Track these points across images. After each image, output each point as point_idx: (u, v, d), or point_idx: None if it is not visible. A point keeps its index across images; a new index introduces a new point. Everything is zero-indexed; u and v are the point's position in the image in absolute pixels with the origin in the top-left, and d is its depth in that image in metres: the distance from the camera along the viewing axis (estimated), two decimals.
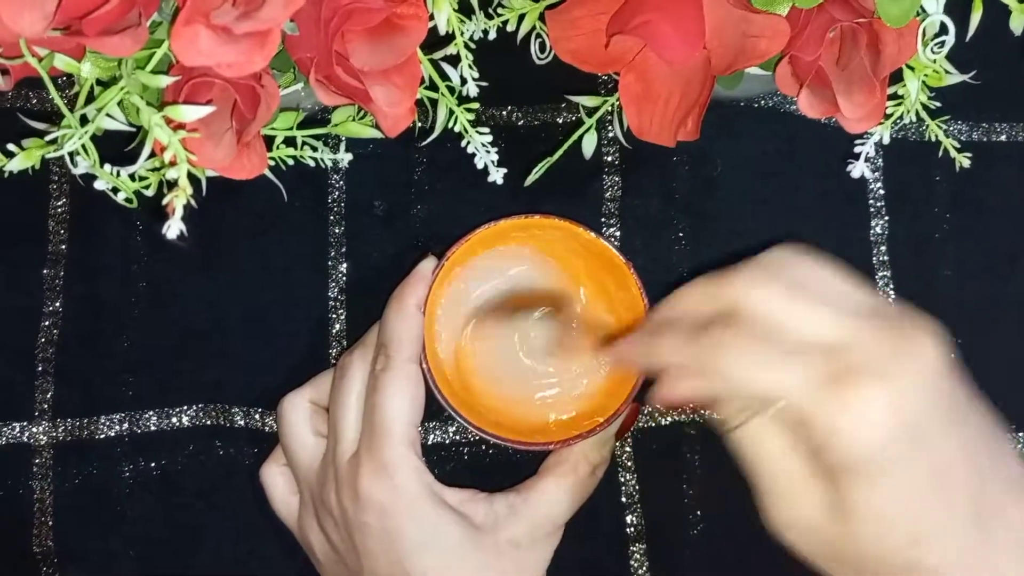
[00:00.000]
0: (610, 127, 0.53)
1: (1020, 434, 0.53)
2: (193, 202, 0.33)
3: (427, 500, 0.44)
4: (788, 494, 0.34)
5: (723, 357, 0.34)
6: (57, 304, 0.52)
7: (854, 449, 0.32)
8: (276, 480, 0.48)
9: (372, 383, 0.45)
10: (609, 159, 0.54)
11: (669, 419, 0.52)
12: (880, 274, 0.54)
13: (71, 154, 0.36)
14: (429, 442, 0.51)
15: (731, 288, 0.35)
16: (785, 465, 0.34)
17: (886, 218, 0.54)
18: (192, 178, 0.34)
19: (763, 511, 0.35)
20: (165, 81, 0.34)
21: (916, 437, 0.32)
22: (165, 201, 0.32)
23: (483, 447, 0.52)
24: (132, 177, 0.39)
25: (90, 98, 0.38)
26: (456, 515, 0.44)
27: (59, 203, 0.53)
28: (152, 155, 0.35)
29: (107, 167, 0.38)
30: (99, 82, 0.38)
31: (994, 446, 0.35)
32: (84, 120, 0.37)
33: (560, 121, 0.54)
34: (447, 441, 0.52)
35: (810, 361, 0.33)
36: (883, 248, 0.54)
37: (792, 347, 0.33)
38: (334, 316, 0.53)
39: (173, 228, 0.32)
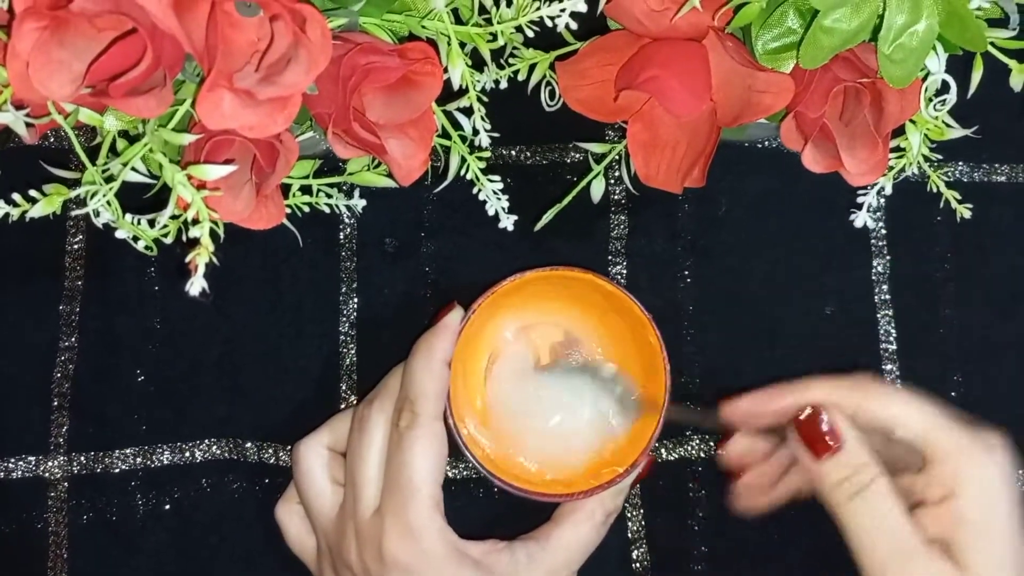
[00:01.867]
0: (617, 169, 0.54)
1: (1020, 472, 0.54)
2: (215, 260, 0.34)
3: (452, 560, 0.44)
4: (915, 561, 0.41)
5: (879, 399, 0.44)
6: (73, 339, 0.53)
7: (987, 485, 0.42)
8: (292, 520, 0.48)
9: (396, 440, 0.45)
10: (616, 198, 0.54)
11: (675, 455, 0.53)
12: (882, 313, 0.55)
13: (94, 209, 0.37)
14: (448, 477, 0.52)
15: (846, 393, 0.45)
16: (907, 530, 0.41)
17: (888, 257, 0.55)
18: (212, 233, 0.35)
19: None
20: (187, 139, 0.35)
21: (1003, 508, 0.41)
22: (188, 259, 0.33)
23: (494, 486, 0.52)
24: (151, 224, 0.40)
25: (112, 148, 0.39)
26: (479, 569, 0.44)
27: (76, 240, 0.54)
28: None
29: (128, 216, 0.39)
30: (122, 133, 0.39)
31: None
32: (105, 171, 0.38)
33: (568, 161, 0.55)
34: (459, 478, 0.52)
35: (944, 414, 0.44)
36: (884, 287, 0.55)
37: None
38: (345, 351, 0.54)
39: (196, 286, 0.33)
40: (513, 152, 0.55)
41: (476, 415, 0.49)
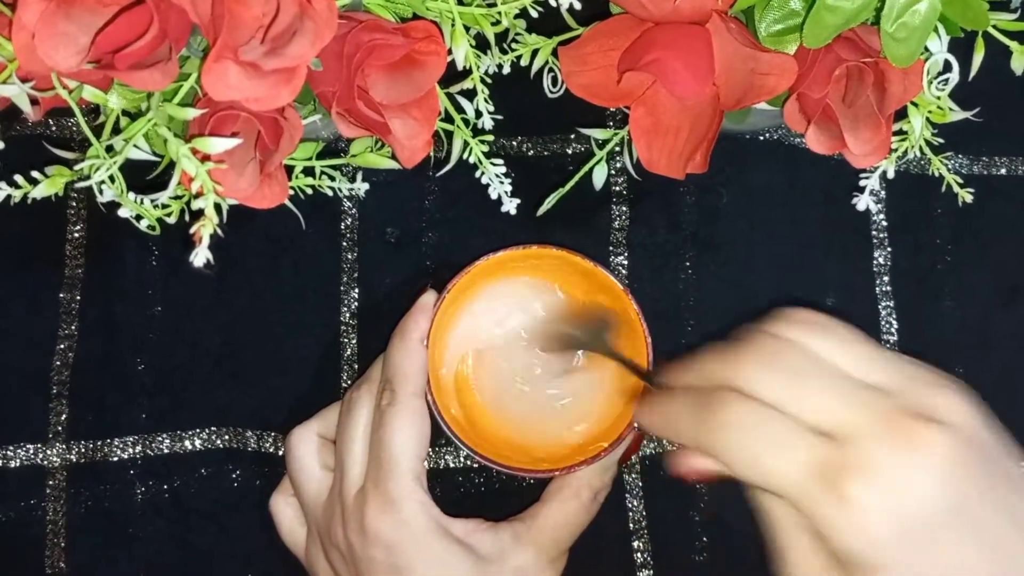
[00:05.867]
0: (619, 158, 0.54)
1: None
2: (219, 231, 0.34)
3: (433, 534, 0.44)
4: (798, 566, 0.33)
5: (722, 440, 0.33)
6: (73, 328, 0.53)
7: (850, 546, 0.31)
8: (284, 511, 0.49)
9: (378, 418, 0.46)
10: (617, 189, 0.55)
11: (676, 445, 0.53)
12: (883, 304, 0.55)
13: (97, 183, 0.37)
14: (440, 467, 0.52)
15: (736, 367, 0.34)
16: (797, 541, 0.33)
17: (889, 249, 0.55)
18: (215, 207, 0.35)
19: (775, 571, 0.35)
20: (192, 113, 0.35)
21: (919, 539, 0.30)
22: (192, 230, 0.33)
23: (493, 473, 0.52)
24: (155, 205, 0.40)
25: (116, 128, 0.39)
26: (462, 547, 0.45)
27: (76, 228, 0.54)
28: (178, 184, 0.36)
29: (131, 195, 0.39)
30: (125, 113, 0.39)
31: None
32: (109, 150, 0.38)
33: (570, 152, 0.55)
34: (459, 466, 0.52)
35: (807, 449, 0.31)
36: (886, 279, 0.55)
37: (790, 433, 0.32)
38: (345, 341, 0.53)
39: (200, 256, 0.33)
40: (515, 143, 0.55)
41: (461, 395, 0.49)
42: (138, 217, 0.40)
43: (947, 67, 0.39)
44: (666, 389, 0.37)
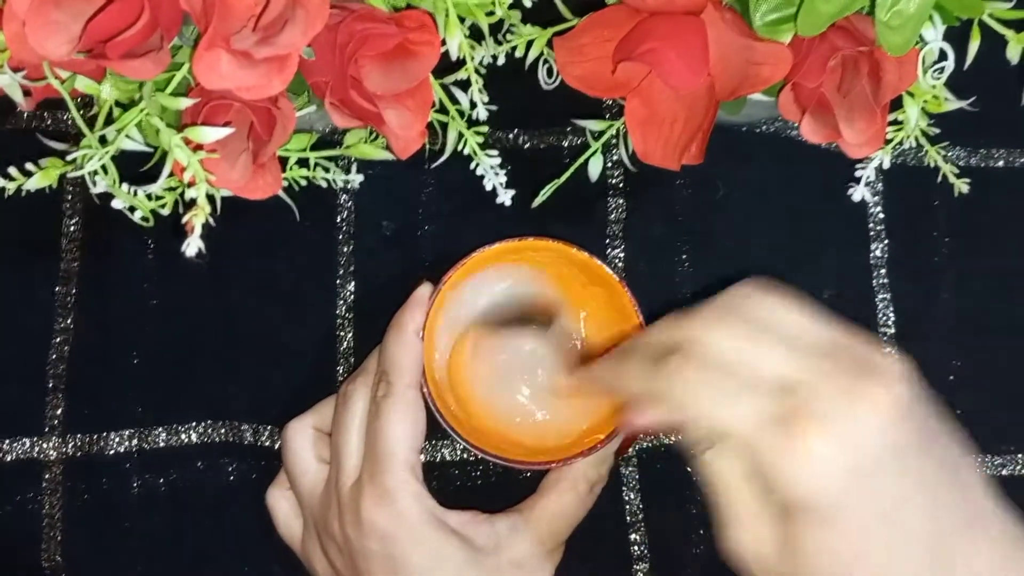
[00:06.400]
0: (615, 151, 0.54)
1: (1020, 456, 0.54)
2: (211, 220, 0.34)
3: (429, 525, 0.44)
4: (743, 524, 0.34)
5: (677, 388, 0.34)
6: (68, 321, 0.53)
7: (800, 492, 0.32)
8: (280, 504, 0.49)
9: (373, 410, 0.46)
10: (614, 182, 0.54)
11: (672, 439, 0.53)
12: (880, 297, 0.54)
13: (90, 173, 0.37)
14: (436, 460, 0.52)
15: (691, 324, 0.35)
16: (742, 495, 0.34)
17: (886, 242, 0.55)
18: (208, 197, 0.35)
19: (720, 536, 0.35)
20: (185, 103, 0.35)
21: (865, 481, 0.32)
22: (185, 220, 0.33)
23: (489, 466, 0.52)
24: (149, 197, 0.40)
25: (109, 120, 0.39)
26: (458, 538, 0.45)
27: (72, 223, 0.54)
28: (170, 175, 0.36)
29: (124, 186, 0.39)
30: (118, 104, 0.39)
31: (958, 480, 0.34)
32: (103, 141, 0.38)
33: (565, 145, 0.55)
34: (455, 459, 0.52)
35: (760, 399, 0.33)
36: (883, 271, 0.55)
37: (744, 384, 0.33)
38: (341, 334, 0.53)
39: (192, 246, 0.33)
40: (510, 136, 0.55)
41: (456, 388, 0.49)
42: (132, 209, 0.40)
43: (942, 56, 0.39)
44: (623, 349, 0.38)
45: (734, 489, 0.34)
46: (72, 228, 0.53)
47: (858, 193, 0.45)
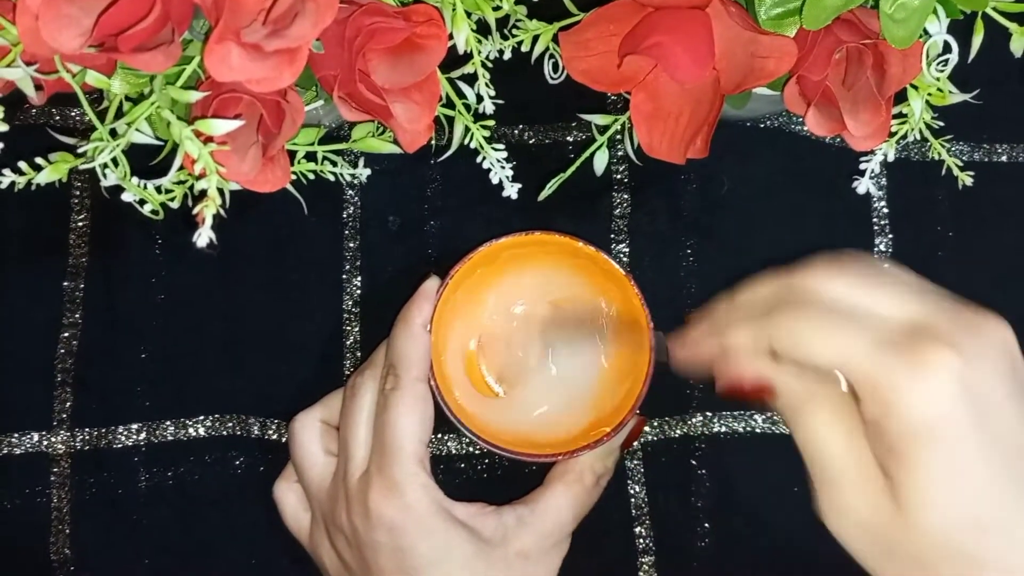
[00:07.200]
0: (620, 146, 0.54)
1: None
2: (223, 212, 0.34)
3: (437, 516, 0.44)
4: (843, 481, 0.33)
5: (793, 326, 0.33)
6: (77, 316, 0.53)
7: (916, 413, 0.31)
8: (288, 497, 0.49)
9: (382, 402, 0.46)
10: (619, 177, 0.55)
11: (678, 432, 0.53)
12: None
13: (101, 166, 0.37)
14: (443, 453, 0.52)
15: (803, 275, 0.34)
16: (841, 451, 0.33)
17: (890, 236, 0.55)
18: (218, 191, 0.35)
19: (817, 501, 0.34)
20: (195, 96, 0.35)
21: (982, 410, 0.31)
22: (195, 211, 0.33)
23: (496, 459, 0.52)
24: (158, 190, 0.40)
25: (118, 114, 0.39)
26: (466, 530, 0.45)
27: (80, 217, 0.54)
28: (180, 168, 0.36)
29: (134, 179, 0.40)
30: (127, 98, 0.40)
31: None
32: (113, 134, 0.39)
33: (571, 140, 0.55)
34: (462, 453, 0.53)
35: (880, 329, 0.32)
36: (887, 266, 0.55)
37: (864, 319, 0.32)
38: (348, 328, 0.54)
39: (203, 237, 0.33)
40: (516, 131, 0.55)
41: (465, 380, 0.50)
42: (142, 202, 0.41)
43: (946, 49, 0.39)
44: (721, 307, 0.37)
45: (834, 444, 0.33)
46: (80, 224, 0.54)
47: (862, 186, 0.45)
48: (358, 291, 0.54)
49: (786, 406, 0.35)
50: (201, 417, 0.52)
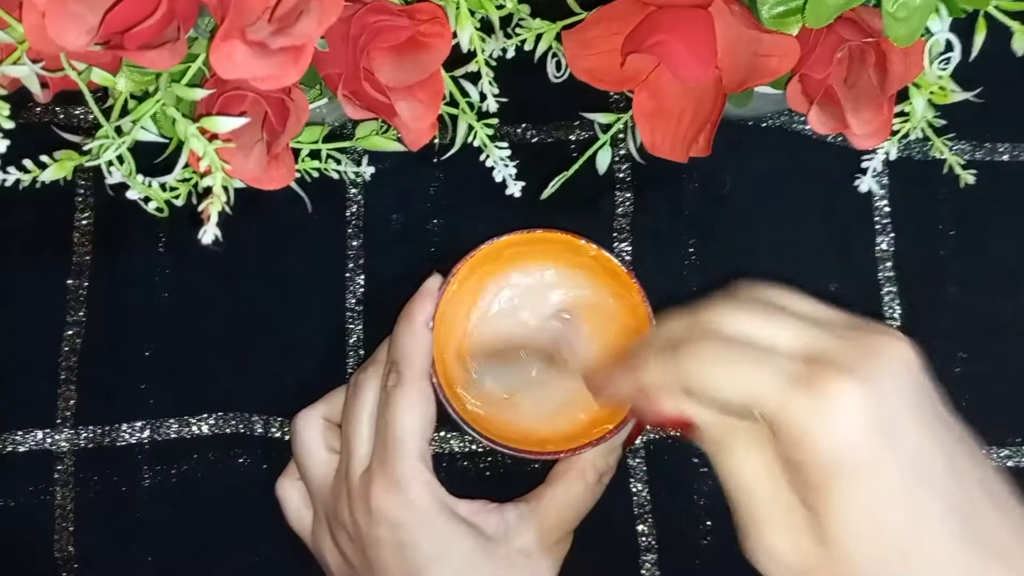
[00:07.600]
0: (623, 145, 0.54)
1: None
2: (228, 209, 0.34)
3: (439, 513, 0.44)
4: (767, 520, 0.33)
5: (696, 368, 0.33)
6: (80, 314, 0.53)
7: (825, 448, 0.31)
8: (291, 495, 0.49)
9: (384, 399, 0.46)
10: (621, 175, 0.55)
11: (682, 435, 0.53)
12: (886, 290, 0.55)
13: (106, 164, 0.37)
14: (445, 451, 0.52)
15: (704, 311, 0.35)
16: (763, 488, 0.33)
17: (892, 235, 0.55)
18: (223, 187, 0.35)
19: (741, 537, 0.34)
20: (200, 94, 0.36)
21: (892, 435, 0.31)
22: (201, 208, 0.34)
23: (498, 457, 0.52)
24: (163, 188, 0.40)
25: (124, 111, 0.39)
26: (468, 527, 0.45)
27: (84, 216, 0.54)
28: (185, 165, 0.36)
29: (139, 177, 0.40)
30: (133, 96, 0.40)
31: (974, 452, 0.33)
32: (118, 132, 0.39)
33: (573, 139, 0.55)
34: (464, 450, 0.53)
35: (781, 363, 0.32)
36: (888, 264, 0.55)
37: (765, 353, 0.33)
38: (351, 327, 0.54)
39: (208, 234, 0.33)
40: (518, 130, 0.55)
41: (467, 378, 0.50)
42: (147, 200, 0.41)
43: (948, 47, 0.40)
44: (636, 345, 0.37)
45: (758, 484, 0.33)
46: (84, 222, 0.54)
47: (865, 184, 0.45)
48: (361, 289, 0.54)
49: (707, 441, 0.35)
50: (205, 415, 0.52)
